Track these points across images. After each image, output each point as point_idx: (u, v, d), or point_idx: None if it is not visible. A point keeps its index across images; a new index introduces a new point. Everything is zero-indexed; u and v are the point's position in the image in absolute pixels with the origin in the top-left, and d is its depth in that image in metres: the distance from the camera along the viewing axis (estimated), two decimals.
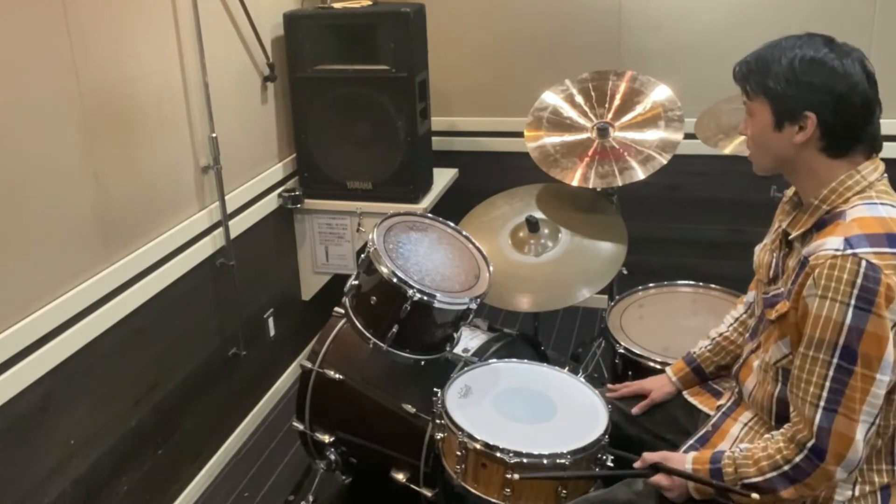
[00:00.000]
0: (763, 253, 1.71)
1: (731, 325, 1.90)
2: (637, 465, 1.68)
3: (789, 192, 1.73)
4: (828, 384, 1.40)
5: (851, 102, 1.44)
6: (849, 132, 1.46)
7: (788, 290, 1.51)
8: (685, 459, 1.59)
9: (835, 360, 1.39)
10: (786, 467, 1.45)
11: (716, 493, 1.56)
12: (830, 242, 1.41)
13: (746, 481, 1.49)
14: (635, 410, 1.92)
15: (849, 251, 1.38)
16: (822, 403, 1.41)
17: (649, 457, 1.65)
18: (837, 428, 1.39)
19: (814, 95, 1.44)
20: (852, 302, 1.36)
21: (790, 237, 1.56)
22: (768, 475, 1.47)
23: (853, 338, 1.37)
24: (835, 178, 1.48)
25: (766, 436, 1.54)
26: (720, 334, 1.90)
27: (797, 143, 1.48)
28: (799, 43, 1.47)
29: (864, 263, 1.36)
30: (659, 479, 1.61)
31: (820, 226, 1.49)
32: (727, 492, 1.53)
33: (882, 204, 1.45)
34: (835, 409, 1.40)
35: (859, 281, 1.36)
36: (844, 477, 1.44)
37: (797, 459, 1.44)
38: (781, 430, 1.49)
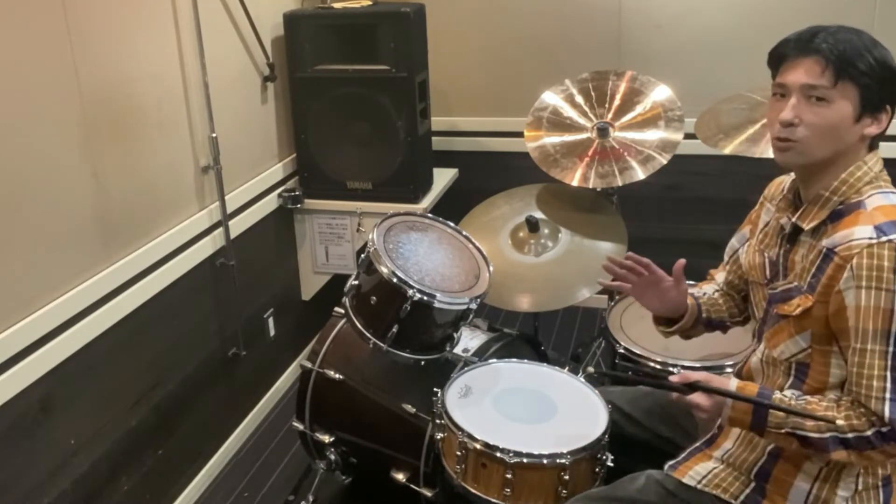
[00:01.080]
0: (751, 254, 1.70)
1: (716, 291, 1.89)
2: (675, 380, 1.60)
3: (772, 188, 1.73)
4: (889, 374, 1.38)
5: None
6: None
7: (809, 283, 1.49)
8: (727, 382, 1.54)
9: (891, 349, 1.38)
10: (850, 435, 1.41)
11: (751, 423, 1.50)
12: (860, 232, 1.41)
13: (798, 431, 1.44)
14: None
15: (884, 238, 1.38)
16: (888, 395, 1.38)
17: (690, 375, 1.59)
18: None
19: (895, 91, 1.46)
20: None
21: (802, 232, 1.53)
22: (825, 434, 1.42)
23: None
24: (845, 169, 1.48)
25: (824, 398, 1.47)
26: (706, 293, 1.89)
27: (865, 136, 1.47)
28: (867, 36, 1.47)
29: None
30: (696, 397, 1.54)
31: (834, 217, 1.48)
32: (764, 424, 1.47)
33: (893, 192, 1.47)
34: None
35: None
36: None
37: (868, 433, 1.39)
38: (847, 401, 1.44)
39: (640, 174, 2.56)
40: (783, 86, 1.49)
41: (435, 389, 1.98)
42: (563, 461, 1.74)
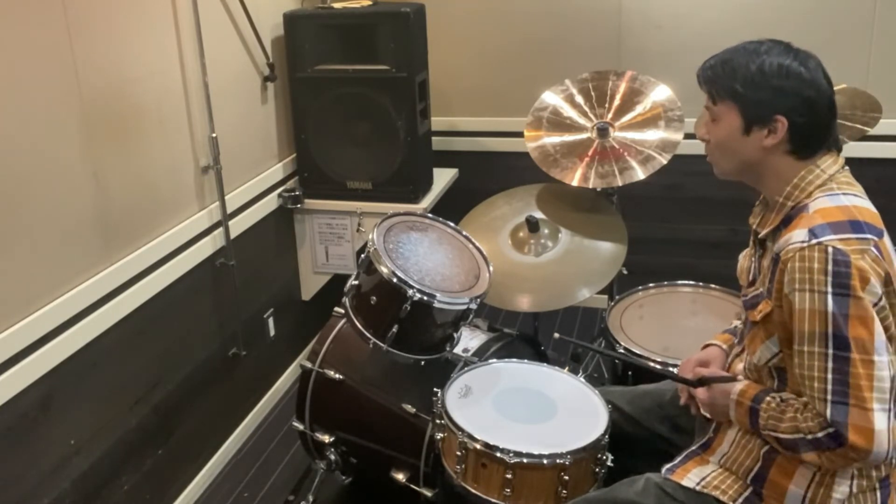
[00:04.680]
0: (744, 259, 1.73)
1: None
2: (690, 376, 1.69)
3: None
4: (830, 376, 1.40)
5: (819, 106, 1.49)
6: (816, 135, 1.51)
7: (767, 288, 1.52)
8: (733, 385, 1.60)
9: (830, 351, 1.39)
10: (809, 436, 1.43)
11: (749, 422, 1.55)
12: (796, 235, 1.44)
13: (772, 433, 1.50)
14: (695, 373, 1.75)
15: (814, 241, 1.41)
16: (829, 397, 1.40)
17: (701, 371, 1.68)
18: (853, 421, 1.38)
19: (784, 100, 1.48)
20: (829, 290, 1.38)
21: (760, 236, 1.58)
22: (794, 436, 1.46)
23: (840, 324, 1.38)
24: (796, 174, 1.52)
25: (799, 400, 1.50)
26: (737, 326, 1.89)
27: (765, 147, 1.51)
28: (763, 48, 1.50)
29: (830, 250, 1.39)
30: (700, 392, 1.64)
31: (786, 222, 1.51)
32: (757, 425, 1.53)
33: (844, 194, 1.49)
34: (845, 401, 1.38)
35: (830, 268, 1.38)
36: (876, 464, 1.45)
37: (819, 435, 1.42)
38: (807, 403, 1.46)
39: (640, 174, 2.56)
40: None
41: (435, 389, 1.98)
42: (563, 461, 1.74)
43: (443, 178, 3.34)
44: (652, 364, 2.13)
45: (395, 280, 1.98)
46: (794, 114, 1.48)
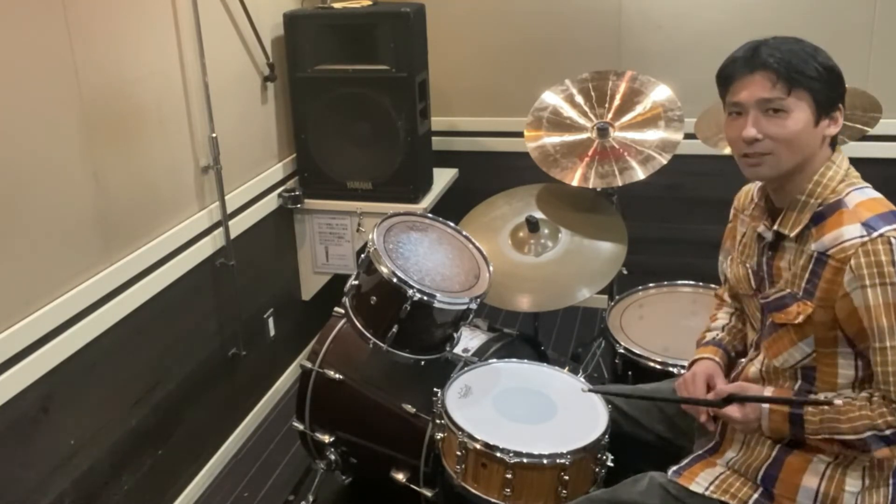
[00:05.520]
0: (735, 267, 1.70)
1: (731, 314, 1.87)
2: (710, 396, 1.62)
3: (741, 199, 1.74)
4: None
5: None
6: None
7: (805, 289, 1.49)
8: (762, 390, 1.56)
9: None
10: (888, 431, 1.41)
11: (791, 430, 1.50)
12: (849, 231, 1.42)
13: (837, 436, 1.45)
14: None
15: (875, 234, 1.40)
16: None
17: (725, 388, 1.60)
18: None
19: (842, 89, 1.50)
20: None
21: (791, 236, 1.53)
22: (863, 434, 1.43)
23: None
24: (815, 170, 1.51)
25: (856, 396, 1.47)
26: (725, 325, 1.86)
27: (826, 136, 1.50)
28: (807, 43, 1.50)
29: (894, 241, 1.39)
30: (731, 410, 1.55)
31: (817, 220, 1.49)
32: (802, 431, 1.48)
33: (867, 187, 1.51)
34: None
35: None
36: None
37: None
38: (879, 397, 1.44)
39: (640, 174, 2.56)
40: (738, 104, 1.51)
41: (435, 389, 1.98)
42: (563, 461, 1.74)
43: (443, 178, 3.34)
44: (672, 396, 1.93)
45: (395, 280, 1.98)
46: (843, 104, 1.51)
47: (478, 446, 1.79)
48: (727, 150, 2.50)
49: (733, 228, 1.77)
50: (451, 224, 2.32)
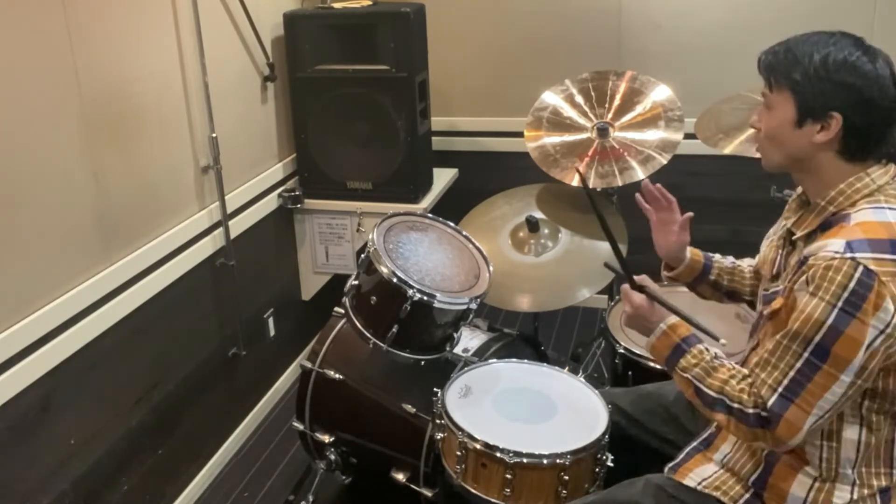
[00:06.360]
0: (769, 249, 1.70)
1: (749, 267, 1.90)
2: (636, 279, 1.71)
3: (799, 189, 1.72)
4: (791, 374, 1.41)
5: (879, 107, 1.41)
6: (870, 137, 1.44)
7: (785, 287, 1.51)
8: (667, 315, 1.64)
9: (805, 355, 1.39)
10: (734, 405, 1.47)
11: (667, 356, 1.60)
12: (832, 245, 1.40)
13: (696, 382, 1.54)
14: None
15: (848, 255, 1.37)
16: (779, 389, 1.42)
17: (646, 281, 1.71)
18: (789, 416, 1.40)
19: (843, 96, 1.41)
20: (839, 304, 1.36)
21: (794, 237, 1.55)
22: (716, 395, 1.50)
23: (830, 337, 1.37)
24: (842, 179, 1.46)
25: (740, 367, 1.54)
26: (736, 263, 1.92)
27: (816, 143, 1.45)
28: (832, 41, 1.44)
29: (860, 269, 1.35)
30: (632, 295, 1.67)
31: (825, 227, 1.48)
32: (675, 364, 1.58)
33: (891, 209, 1.42)
34: (791, 398, 1.40)
35: (851, 285, 1.35)
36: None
37: (748, 410, 1.45)
38: (749, 378, 1.49)
39: (640, 174, 2.56)
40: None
41: (435, 389, 1.98)
42: (563, 461, 1.74)
43: (443, 178, 3.34)
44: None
45: (395, 280, 1.98)
46: (851, 112, 1.41)
47: (478, 446, 1.79)
48: (727, 150, 2.51)
49: (784, 213, 1.74)
50: (451, 224, 2.32)
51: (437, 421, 1.93)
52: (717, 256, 1.95)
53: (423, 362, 2.10)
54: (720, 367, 1.54)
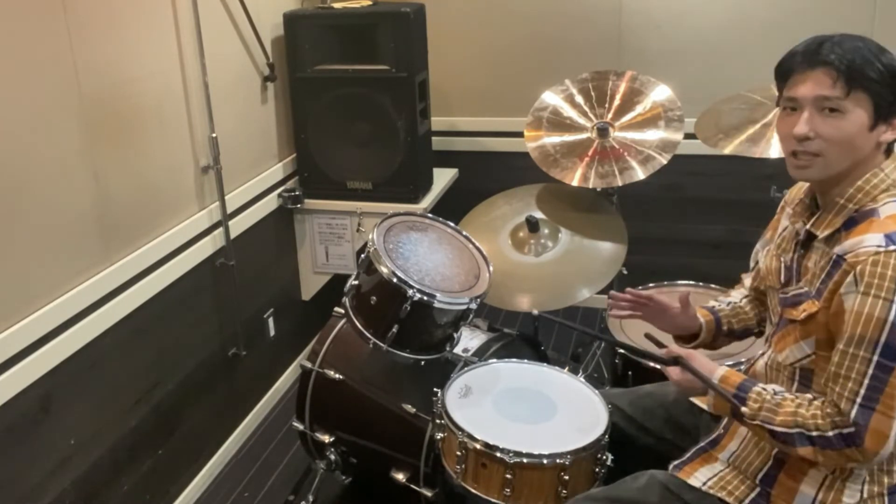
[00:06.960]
0: (769, 259, 1.69)
1: (744, 297, 1.89)
2: (662, 353, 1.68)
3: (793, 193, 1.72)
4: (867, 381, 1.38)
5: None
6: None
7: (818, 289, 1.49)
8: (714, 368, 1.59)
9: (875, 358, 1.37)
10: (814, 433, 1.43)
11: (731, 410, 1.54)
12: (870, 239, 1.40)
13: (767, 425, 1.48)
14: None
15: (892, 247, 1.37)
16: (859, 400, 1.39)
17: (676, 349, 1.67)
18: (875, 426, 1.38)
19: None
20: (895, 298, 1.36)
21: (816, 238, 1.53)
22: (792, 430, 1.45)
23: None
24: (861, 176, 1.47)
25: (801, 396, 1.50)
26: (732, 302, 1.89)
27: (881, 143, 1.46)
28: (872, 43, 1.44)
29: None
30: (674, 371, 1.64)
31: (849, 225, 1.47)
32: (740, 413, 1.52)
33: None
34: (873, 406, 1.38)
35: None
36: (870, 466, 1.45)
37: (829, 434, 1.42)
38: (819, 402, 1.46)
39: (640, 174, 2.56)
40: (794, 99, 1.47)
41: (435, 389, 1.98)
42: (563, 461, 1.74)
43: (443, 178, 3.33)
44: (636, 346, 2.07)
45: (395, 280, 1.98)
46: None
47: (478, 446, 1.79)
48: (727, 150, 2.51)
49: (777, 220, 1.75)
50: (451, 224, 2.32)
51: (437, 421, 1.93)
52: (715, 305, 1.90)
53: (423, 362, 2.10)
54: (783, 402, 1.48)
